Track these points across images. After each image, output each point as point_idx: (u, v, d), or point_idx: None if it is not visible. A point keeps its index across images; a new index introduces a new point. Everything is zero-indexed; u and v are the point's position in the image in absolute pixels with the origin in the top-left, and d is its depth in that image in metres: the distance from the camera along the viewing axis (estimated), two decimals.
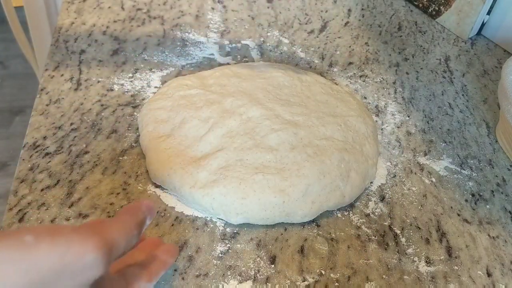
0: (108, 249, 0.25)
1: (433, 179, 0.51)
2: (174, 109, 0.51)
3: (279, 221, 0.45)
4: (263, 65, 0.58)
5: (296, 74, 0.56)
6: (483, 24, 0.71)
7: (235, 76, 0.55)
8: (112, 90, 0.57)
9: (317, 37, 0.68)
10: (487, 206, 0.49)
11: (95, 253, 0.24)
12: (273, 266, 0.43)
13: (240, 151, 0.46)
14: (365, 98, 0.60)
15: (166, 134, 0.49)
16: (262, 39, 0.67)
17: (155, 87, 0.57)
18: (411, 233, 0.46)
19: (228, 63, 0.62)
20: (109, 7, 0.69)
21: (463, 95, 0.62)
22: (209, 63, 0.62)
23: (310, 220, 0.46)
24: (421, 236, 0.46)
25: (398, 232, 0.46)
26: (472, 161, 0.54)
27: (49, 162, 0.48)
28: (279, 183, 0.45)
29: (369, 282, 0.42)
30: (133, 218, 0.30)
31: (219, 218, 0.45)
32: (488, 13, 0.68)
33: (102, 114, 0.54)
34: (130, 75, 0.59)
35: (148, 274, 0.34)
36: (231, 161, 0.46)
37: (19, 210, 0.44)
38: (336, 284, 0.42)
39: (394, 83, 0.63)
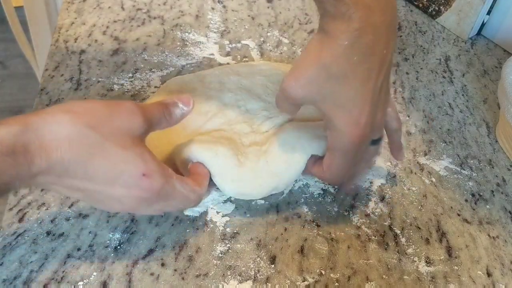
0: (147, 123, 0.38)
1: (433, 179, 0.51)
2: None
3: (272, 186, 0.45)
4: (263, 63, 0.58)
5: None
6: (483, 24, 0.71)
7: (234, 74, 0.55)
8: (112, 90, 0.57)
9: None
10: (487, 206, 0.50)
11: (140, 120, 0.37)
12: (273, 266, 0.43)
13: (239, 134, 0.48)
14: None
15: None
16: (262, 39, 0.67)
17: (155, 87, 0.57)
18: (411, 233, 0.46)
19: (228, 63, 0.62)
20: (109, 7, 0.69)
21: (463, 95, 0.62)
22: (209, 63, 0.62)
23: (310, 220, 0.46)
24: (421, 236, 0.46)
25: (398, 232, 0.46)
26: (472, 161, 0.54)
27: None
28: (263, 146, 0.47)
29: (369, 282, 0.42)
30: (166, 109, 0.41)
31: (217, 212, 0.45)
32: (488, 13, 0.68)
33: None
34: (130, 75, 0.59)
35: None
36: (234, 138, 0.47)
37: (19, 210, 0.44)
38: (336, 284, 0.42)
39: (394, 83, 0.63)
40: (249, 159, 0.45)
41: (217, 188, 0.46)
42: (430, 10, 0.74)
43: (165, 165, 0.39)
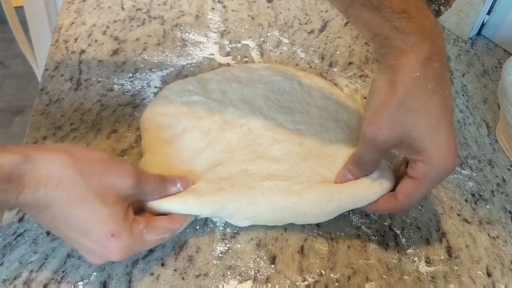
0: (138, 187, 0.39)
1: None
2: (177, 116, 0.50)
3: (291, 221, 0.45)
4: (263, 67, 0.57)
5: (296, 77, 0.56)
6: (483, 24, 0.71)
7: (236, 81, 0.54)
8: (112, 90, 0.57)
9: (317, 37, 0.68)
10: (487, 206, 0.50)
11: (131, 183, 0.38)
12: (273, 266, 0.43)
13: (242, 163, 0.46)
14: (365, 98, 0.59)
15: (167, 140, 0.48)
16: (262, 39, 0.67)
17: (155, 87, 0.57)
18: (411, 233, 0.46)
19: (228, 63, 0.62)
20: (109, 7, 0.69)
21: (463, 95, 0.62)
22: (209, 63, 0.62)
23: None
24: (421, 236, 0.46)
25: (398, 232, 0.46)
26: (472, 161, 0.54)
27: None
28: (292, 186, 0.44)
29: (369, 282, 0.42)
30: (163, 185, 0.42)
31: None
32: (488, 13, 0.68)
33: (102, 114, 0.54)
34: (130, 75, 0.59)
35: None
36: (233, 172, 0.45)
37: (19, 210, 0.44)
38: (336, 284, 0.42)
39: None
40: (265, 195, 0.43)
41: None
42: (430, 10, 0.74)
43: (138, 220, 0.39)
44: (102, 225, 0.36)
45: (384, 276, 0.43)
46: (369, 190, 0.44)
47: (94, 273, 0.41)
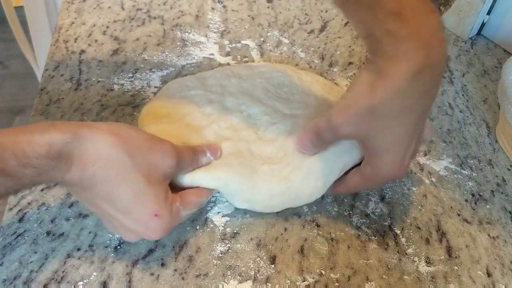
0: (177, 166, 0.40)
1: (433, 179, 0.51)
2: (175, 107, 0.50)
3: (287, 206, 0.46)
4: (263, 65, 0.58)
5: (296, 74, 0.56)
6: (483, 24, 0.71)
7: (235, 77, 0.54)
8: (112, 90, 0.57)
9: (317, 37, 0.68)
10: (487, 206, 0.49)
11: (173, 162, 0.40)
12: (273, 266, 0.43)
13: (246, 142, 0.47)
14: None
15: (169, 123, 0.48)
16: (262, 39, 0.67)
17: (155, 87, 0.57)
18: (411, 233, 0.46)
19: (228, 63, 0.62)
20: (109, 7, 0.69)
21: (463, 95, 0.62)
22: (209, 63, 0.62)
23: (310, 220, 0.46)
24: (421, 236, 0.46)
25: (398, 232, 0.46)
26: (472, 161, 0.54)
27: None
28: (282, 169, 0.45)
29: (369, 282, 0.42)
30: (195, 157, 0.43)
31: (217, 212, 0.46)
32: (488, 13, 0.68)
33: (102, 114, 0.54)
34: (130, 75, 0.59)
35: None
36: (242, 148, 0.46)
37: (19, 210, 0.44)
38: (336, 284, 0.42)
39: None
40: (264, 181, 0.45)
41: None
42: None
43: (175, 198, 0.40)
44: (146, 205, 0.37)
45: (384, 276, 0.43)
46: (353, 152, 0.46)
47: (94, 273, 0.41)
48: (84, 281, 0.40)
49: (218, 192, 0.46)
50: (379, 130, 0.38)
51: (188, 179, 0.43)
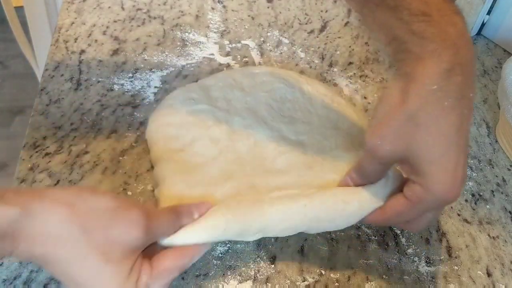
0: (147, 236, 0.35)
1: None
2: (184, 126, 0.49)
3: (303, 229, 0.41)
4: (264, 73, 0.56)
5: (297, 83, 0.55)
6: (483, 24, 0.71)
7: (239, 89, 0.54)
8: (112, 90, 0.57)
9: (317, 37, 0.68)
10: (487, 206, 0.49)
11: (140, 233, 0.34)
12: (273, 266, 0.43)
13: (250, 177, 0.44)
14: (365, 98, 0.59)
15: (177, 149, 0.47)
16: (262, 39, 0.67)
17: (155, 87, 0.57)
18: (411, 233, 0.46)
19: (228, 63, 0.62)
20: (109, 7, 0.69)
21: None
22: (209, 63, 0.62)
23: None
24: (421, 236, 0.46)
25: (398, 232, 0.46)
26: (472, 161, 0.54)
27: (49, 162, 0.48)
28: (301, 193, 0.41)
29: (369, 282, 0.42)
30: (177, 220, 0.37)
31: None
32: (488, 13, 0.68)
33: (102, 114, 0.54)
34: (130, 75, 0.59)
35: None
36: (242, 187, 0.43)
37: None
38: (336, 284, 0.42)
39: None
40: (273, 205, 0.40)
41: None
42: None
43: (144, 271, 0.35)
44: (103, 286, 0.33)
45: (384, 276, 0.43)
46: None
47: None
48: None
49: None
50: (420, 139, 0.34)
51: (166, 241, 0.37)
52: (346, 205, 0.40)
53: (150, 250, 0.36)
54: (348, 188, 0.41)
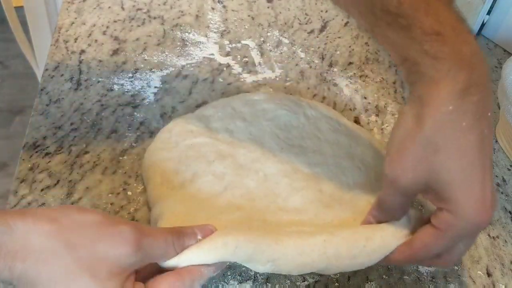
0: (139, 253, 0.32)
1: None
2: (183, 161, 0.46)
3: (320, 267, 0.37)
4: (263, 100, 0.53)
5: (300, 108, 0.53)
6: (483, 24, 0.71)
7: (240, 118, 0.50)
8: (112, 90, 0.57)
9: (317, 37, 0.68)
10: None
11: (129, 250, 0.31)
12: None
13: (262, 213, 0.41)
14: (365, 98, 0.60)
15: (177, 186, 0.43)
16: (262, 39, 0.67)
17: (155, 87, 0.57)
18: None
19: (228, 63, 0.62)
20: (109, 7, 0.69)
21: None
22: (209, 63, 0.62)
23: None
24: None
25: None
26: None
27: (49, 162, 0.48)
28: (321, 230, 0.38)
29: (369, 282, 0.42)
30: (179, 241, 0.35)
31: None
32: (488, 13, 0.68)
33: (102, 114, 0.54)
34: (130, 75, 0.59)
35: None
36: (253, 219, 0.41)
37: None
38: (336, 284, 0.42)
39: (394, 83, 0.63)
40: (291, 237, 0.36)
41: None
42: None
43: None
44: None
45: (384, 276, 0.43)
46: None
47: None
48: None
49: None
50: (442, 164, 0.33)
51: (169, 262, 0.34)
52: (369, 241, 0.37)
53: (149, 273, 0.34)
54: (370, 225, 0.39)
